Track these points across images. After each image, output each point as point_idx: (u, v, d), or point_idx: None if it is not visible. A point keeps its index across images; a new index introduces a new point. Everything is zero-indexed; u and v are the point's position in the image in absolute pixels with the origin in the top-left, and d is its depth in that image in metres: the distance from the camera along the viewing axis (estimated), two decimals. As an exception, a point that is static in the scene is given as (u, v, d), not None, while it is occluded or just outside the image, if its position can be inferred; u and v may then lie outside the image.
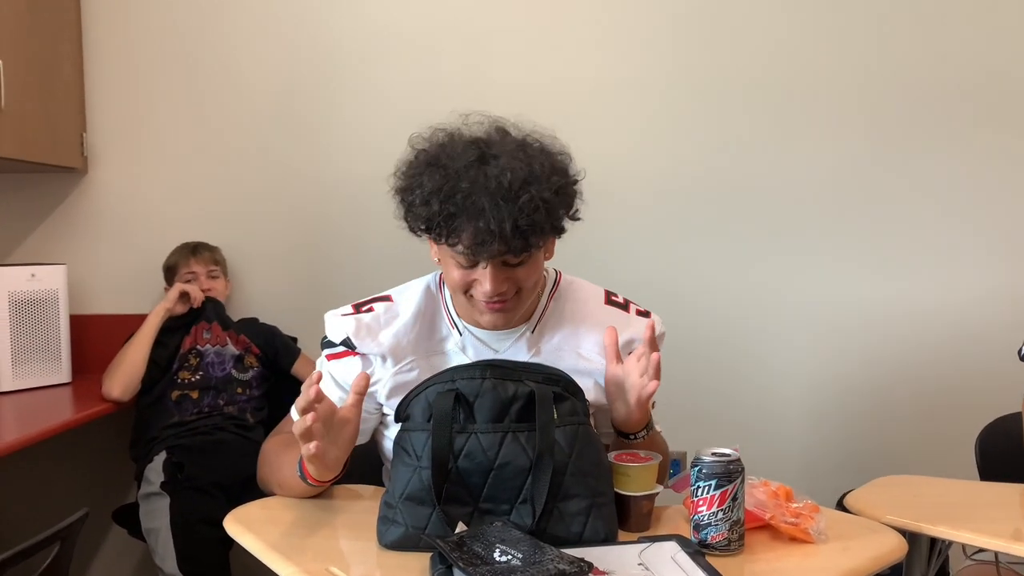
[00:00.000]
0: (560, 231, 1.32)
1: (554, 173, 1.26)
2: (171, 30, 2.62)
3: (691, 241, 2.57)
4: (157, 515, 2.12)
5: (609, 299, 1.45)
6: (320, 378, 1.19)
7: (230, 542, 1.52)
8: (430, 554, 1.10)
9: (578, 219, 1.33)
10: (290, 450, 1.37)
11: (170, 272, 2.50)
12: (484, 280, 1.26)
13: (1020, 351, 1.63)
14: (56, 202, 2.66)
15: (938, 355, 2.53)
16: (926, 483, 1.63)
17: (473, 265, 1.26)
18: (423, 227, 1.27)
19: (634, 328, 1.40)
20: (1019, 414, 1.64)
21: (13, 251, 2.67)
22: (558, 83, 2.57)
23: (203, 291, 2.42)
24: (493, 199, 1.19)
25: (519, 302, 1.33)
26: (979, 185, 2.52)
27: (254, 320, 2.54)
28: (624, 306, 1.44)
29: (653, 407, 1.44)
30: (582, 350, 1.39)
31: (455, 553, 1.05)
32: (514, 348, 1.39)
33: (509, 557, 1.04)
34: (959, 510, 1.44)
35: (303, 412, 1.15)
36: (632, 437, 1.35)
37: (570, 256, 1.53)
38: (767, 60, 2.54)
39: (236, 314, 2.54)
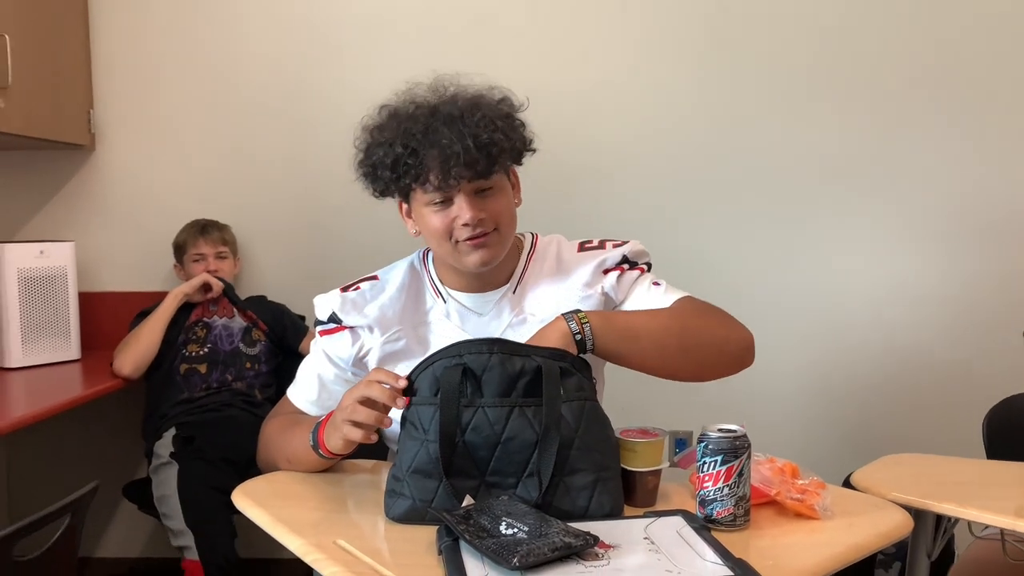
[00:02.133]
0: (519, 155, 1.38)
1: (500, 103, 1.36)
2: (178, 6, 2.61)
3: (690, 222, 2.57)
4: (167, 483, 2.13)
5: (582, 247, 1.47)
6: (400, 379, 1.21)
7: (235, 508, 1.52)
8: (436, 527, 1.10)
9: (533, 149, 1.40)
10: (295, 428, 1.39)
11: (179, 250, 2.50)
12: (462, 211, 1.31)
13: (1027, 330, 1.62)
14: (63, 179, 2.66)
15: (945, 335, 2.53)
16: (933, 461, 1.63)
17: (448, 201, 1.31)
18: (391, 176, 1.32)
19: (606, 252, 1.44)
20: (1027, 393, 1.64)
21: (21, 228, 2.67)
22: (560, 70, 2.55)
23: (211, 271, 2.43)
24: (449, 124, 1.28)
25: (500, 239, 1.36)
26: (982, 167, 2.50)
27: (262, 298, 2.54)
28: (599, 246, 1.47)
29: (645, 277, 1.45)
30: (564, 301, 1.40)
31: (461, 526, 1.06)
32: (496, 309, 1.42)
33: (515, 530, 1.05)
34: (965, 488, 1.44)
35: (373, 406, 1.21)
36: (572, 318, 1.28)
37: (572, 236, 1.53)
38: (761, 50, 2.52)
39: (244, 292, 2.54)
